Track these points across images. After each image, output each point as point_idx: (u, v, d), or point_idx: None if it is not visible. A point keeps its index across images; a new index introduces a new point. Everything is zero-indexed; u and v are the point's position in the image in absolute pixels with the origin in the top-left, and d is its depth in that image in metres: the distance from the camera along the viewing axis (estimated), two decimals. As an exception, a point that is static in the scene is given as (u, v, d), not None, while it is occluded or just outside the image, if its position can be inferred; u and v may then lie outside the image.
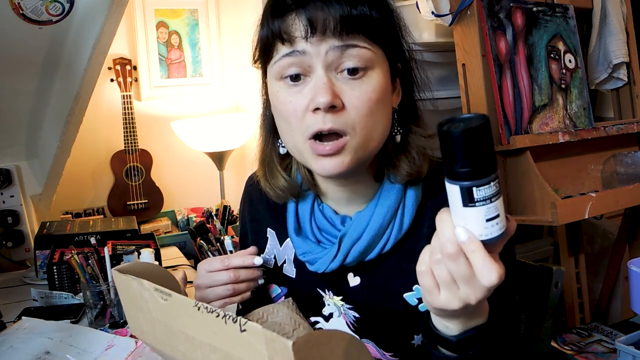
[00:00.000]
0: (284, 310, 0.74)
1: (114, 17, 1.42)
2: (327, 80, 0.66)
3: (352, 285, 0.79)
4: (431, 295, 0.55)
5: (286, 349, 0.43)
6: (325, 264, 0.75)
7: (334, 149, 0.67)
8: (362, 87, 0.66)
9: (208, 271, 0.80)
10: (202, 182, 2.37)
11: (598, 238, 2.02)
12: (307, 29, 0.65)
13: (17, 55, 1.44)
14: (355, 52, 0.65)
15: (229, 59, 2.38)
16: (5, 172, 1.67)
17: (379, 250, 0.75)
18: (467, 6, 1.44)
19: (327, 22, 0.64)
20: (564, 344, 1.54)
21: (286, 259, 0.85)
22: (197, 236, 1.72)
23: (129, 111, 2.09)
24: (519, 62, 1.48)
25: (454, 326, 0.58)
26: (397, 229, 0.74)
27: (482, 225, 0.49)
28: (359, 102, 0.66)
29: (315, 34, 0.65)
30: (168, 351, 0.62)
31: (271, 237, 0.87)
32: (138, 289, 0.61)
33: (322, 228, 0.79)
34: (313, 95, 0.66)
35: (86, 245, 1.44)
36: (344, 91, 0.66)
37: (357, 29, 0.65)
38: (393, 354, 0.77)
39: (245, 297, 0.80)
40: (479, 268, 0.50)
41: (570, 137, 1.50)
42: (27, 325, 1.16)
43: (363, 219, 0.74)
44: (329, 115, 0.66)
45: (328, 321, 0.81)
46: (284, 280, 0.85)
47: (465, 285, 0.52)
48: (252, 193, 0.92)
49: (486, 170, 0.48)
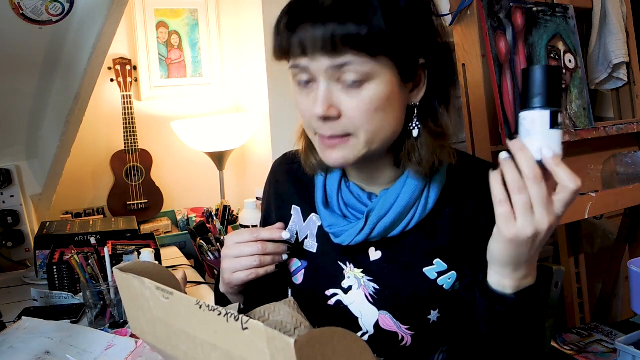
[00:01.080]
0: (286, 309, 0.74)
1: (114, 17, 1.43)
2: (325, 93, 0.69)
3: (373, 259, 0.82)
4: (507, 222, 0.62)
5: (288, 347, 0.43)
6: (351, 237, 0.79)
7: (337, 142, 0.72)
8: (360, 97, 0.69)
9: (237, 242, 0.82)
10: (202, 182, 2.37)
11: (598, 238, 2.02)
12: (300, 50, 0.68)
13: (17, 55, 1.44)
14: (351, 68, 0.67)
15: (229, 59, 2.38)
16: (5, 172, 1.67)
17: (403, 227, 0.79)
18: (467, 6, 1.44)
19: (316, 44, 0.66)
20: (564, 344, 1.54)
21: (308, 234, 0.88)
22: (197, 236, 1.72)
23: (129, 111, 2.09)
24: (519, 62, 1.48)
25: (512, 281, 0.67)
26: (422, 208, 0.78)
27: (560, 146, 0.61)
28: (355, 112, 0.69)
29: (307, 55, 0.68)
30: (169, 350, 0.62)
31: (295, 214, 0.91)
32: (139, 287, 0.61)
33: (348, 203, 0.82)
34: (312, 105, 0.70)
35: (86, 245, 1.44)
36: (342, 100, 0.69)
37: (348, 45, 0.66)
38: (409, 327, 0.80)
39: (269, 270, 0.82)
40: (564, 178, 0.59)
41: (570, 137, 1.50)
42: (27, 325, 1.16)
43: (390, 197, 0.78)
44: (328, 124, 0.70)
45: (347, 293, 0.84)
46: (305, 255, 0.88)
47: (542, 209, 0.60)
48: (278, 173, 0.97)
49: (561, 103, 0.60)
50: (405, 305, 0.80)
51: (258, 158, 2.37)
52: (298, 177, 0.91)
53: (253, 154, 2.41)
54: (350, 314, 0.83)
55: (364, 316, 0.82)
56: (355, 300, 0.83)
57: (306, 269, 0.88)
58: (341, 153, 0.72)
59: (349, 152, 0.72)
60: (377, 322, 0.81)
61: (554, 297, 1.05)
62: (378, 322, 0.81)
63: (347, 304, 0.83)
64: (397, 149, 0.78)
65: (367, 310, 0.82)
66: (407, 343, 0.81)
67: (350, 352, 0.49)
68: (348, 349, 0.48)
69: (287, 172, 0.94)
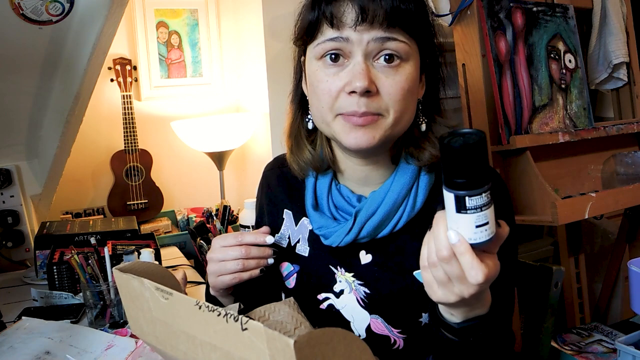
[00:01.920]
0: (285, 309, 0.74)
1: (114, 17, 1.42)
2: (365, 67, 0.71)
3: (364, 262, 0.82)
4: (430, 289, 0.61)
5: (288, 347, 0.43)
6: (340, 237, 0.79)
7: (368, 121, 0.72)
8: (397, 76, 0.72)
9: (222, 246, 0.83)
10: (202, 182, 2.37)
11: (598, 238, 2.02)
12: (357, 17, 0.70)
13: (17, 55, 1.44)
14: (395, 45, 0.71)
15: (229, 59, 2.38)
16: (5, 172, 1.67)
17: (392, 228, 0.79)
18: (467, 6, 1.44)
19: (376, 13, 0.69)
20: (564, 344, 1.54)
21: (300, 238, 0.88)
22: (197, 236, 1.72)
23: (129, 111, 2.09)
24: (519, 62, 1.48)
25: (457, 314, 0.64)
26: (410, 207, 0.78)
27: (472, 230, 0.55)
28: (392, 89, 0.72)
29: (364, 23, 0.70)
30: (168, 350, 0.62)
31: (287, 218, 0.91)
32: (139, 288, 0.61)
33: (338, 206, 0.83)
34: (351, 79, 0.72)
35: (86, 245, 1.44)
36: (379, 78, 0.72)
37: (400, 22, 0.70)
38: (401, 330, 0.80)
39: (254, 274, 0.82)
40: (467, 268, 0.56)
41: (570, 137, 1.50)
42: (27, 325, 1.16)
43: (378, 196, 0.79)
44: (364, 99, 0.71)
45: (339, 297, 0.84)
46: (297, 259, 0.88)
47: (459, 283, 0.58)
48: (269, 177, 0.97)
49: (479, 183, 0.53)
50: (396, 309, 0.80)
51: (258, 158, 2.37)
52: (289, 181, 0.92)
53: (253, 154, 2.41)
54: (343, 318, 0.83)
55: (355, 320, 0.82)
56: (347, 304, 0.83)
57: (298, 273, 0.88)
58: (371, 133, 0.73)
59: (377, 132, 0.73)
60: (369, 326, 0.81)
61: (554, 297, 1.05)
62: (370, 326, 0.81)
63: (339, 308, 0.83)
64: (401, 144, 0.80)
65: (359, 314, 0.82)
66: (399, 346, 0.81)
67: (350, 352, 0.49)
68: (348, 349, 0.48)
69: (278, 177, 0.94)
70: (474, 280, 0.55)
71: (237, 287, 0.85)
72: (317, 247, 0.85)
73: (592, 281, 1.88)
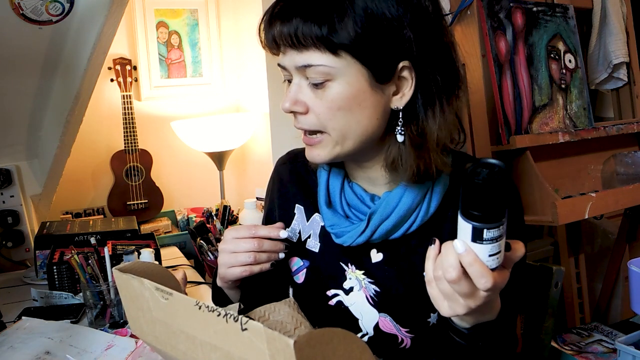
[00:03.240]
0: (286, 309, 0.74)
1: (114, 17, 1.43)
2: (295, 88, 0.73)
3: (375, 261, 0.82)
4: (436, 303, 0.63)
5: (288, 347, 0.43)
6: (352, 238, 0.79)
7: (313, 142, 0.75)
8: (323, 96, 0.71)
9: (234, 237, 0.83)
10: (202, 182, 2.37)
11: (598, 238, 2.02)
12: (272, 45, 0.73)
13: (17, 55, 1.44)
14: (312, 69, 0.70)
15: (229, 59, 2.38)
16: (5, 172, 1.67)
17: (405, 230, 0.79)
18: (467, 6, 1.44)
19: (283, 38, 0.70)
20: (564, 344, 1.54)
21: (311, 234, 0.88)
22: (197, 236, 1.72)
23: (129, 111, 2.09)
24: (519, 62, 1.48)
25: (467, 320, 0.65)
26: (424, 212, 0.78)
27: (485, 259, 0.57)
28: (319, 109, 0.72)
29: (279, 49, 0.73)
30: (168, 350, 0.62)
31: (298, 213, 0.91)
32: (139, 288, 0.61)
33: (351, 204, 0.82)
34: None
35: (86, 245, 1.44)
36: (310, 97, 0.73)
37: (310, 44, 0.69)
38: (409, 330, 0.80)
39: (264, 268, 0.82)
40: (476, 277, 0.57)
41: (570, 137, 1.50)
42: (27, 325, 1.16)
43: (393, 199, 0.78)
44: (299, 117, 0.74)
45: (348, 294, 0.84)
46: (307, 254, 0.88)
47: (464, 298, 0.59)
48: (281, 172, 0.96)
49: (498, 217, 0.54)
50: (405, 309, 0.80)
51: (258, 158, 2.37)
52: (302, 175, 0.91)
53: (253, 154, 2.41)
54: (351, 315, 0.83)
55: (364, 318, 0.82)
56: (356, 302, 0.83)
57: (308, 268, 0.88)
58: (317, 151, 0.75)
59: (322, 150, 0.75)
60: (377, 324, 0.81)
61: (554, 297, 1.05)
62: (378, 324, 0.81)
63: (348, 305, 0.83)
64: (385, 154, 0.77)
65: (368, 312, 0.82)
66: (406, 345, 0.81)
67: (350, 353, 0.49)
68: (348, 349, 0.48)
69: (290, 171, 0.94)
70: (484, 287, 0.57)
71: (245, 281, 0.85)
72: (328, 243, 0.85)
73: (592, 281, 1.88)
